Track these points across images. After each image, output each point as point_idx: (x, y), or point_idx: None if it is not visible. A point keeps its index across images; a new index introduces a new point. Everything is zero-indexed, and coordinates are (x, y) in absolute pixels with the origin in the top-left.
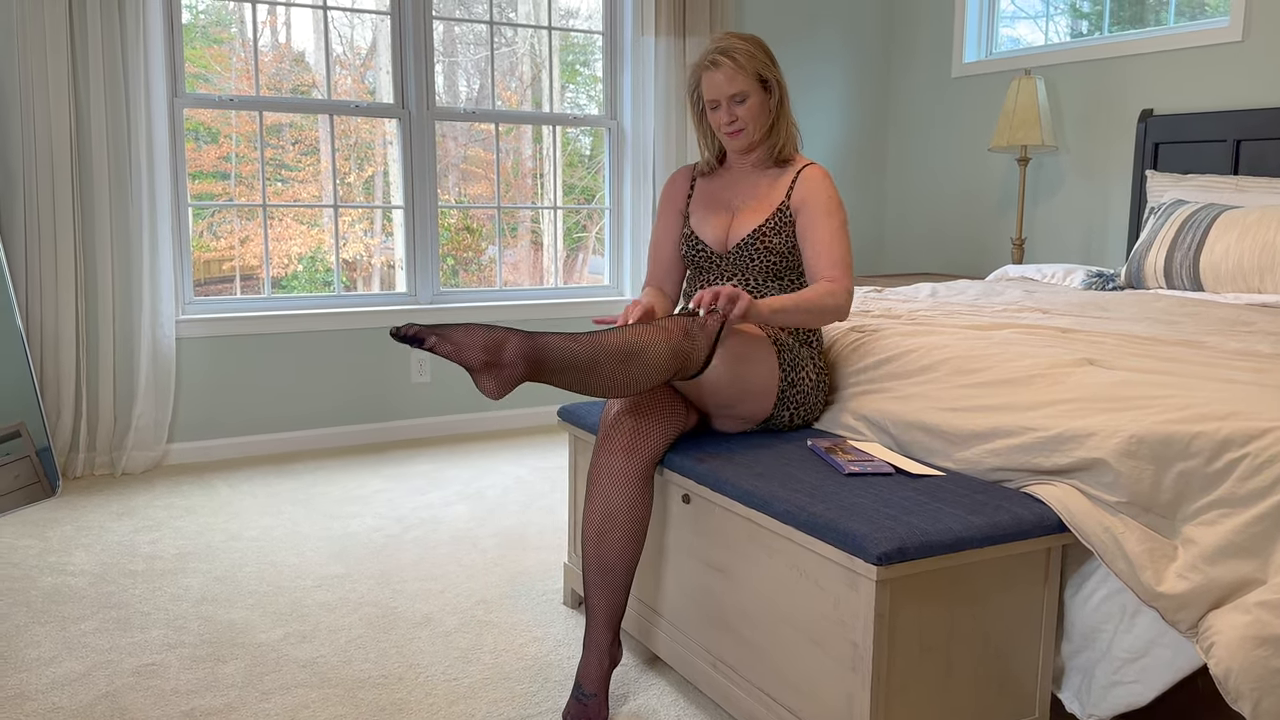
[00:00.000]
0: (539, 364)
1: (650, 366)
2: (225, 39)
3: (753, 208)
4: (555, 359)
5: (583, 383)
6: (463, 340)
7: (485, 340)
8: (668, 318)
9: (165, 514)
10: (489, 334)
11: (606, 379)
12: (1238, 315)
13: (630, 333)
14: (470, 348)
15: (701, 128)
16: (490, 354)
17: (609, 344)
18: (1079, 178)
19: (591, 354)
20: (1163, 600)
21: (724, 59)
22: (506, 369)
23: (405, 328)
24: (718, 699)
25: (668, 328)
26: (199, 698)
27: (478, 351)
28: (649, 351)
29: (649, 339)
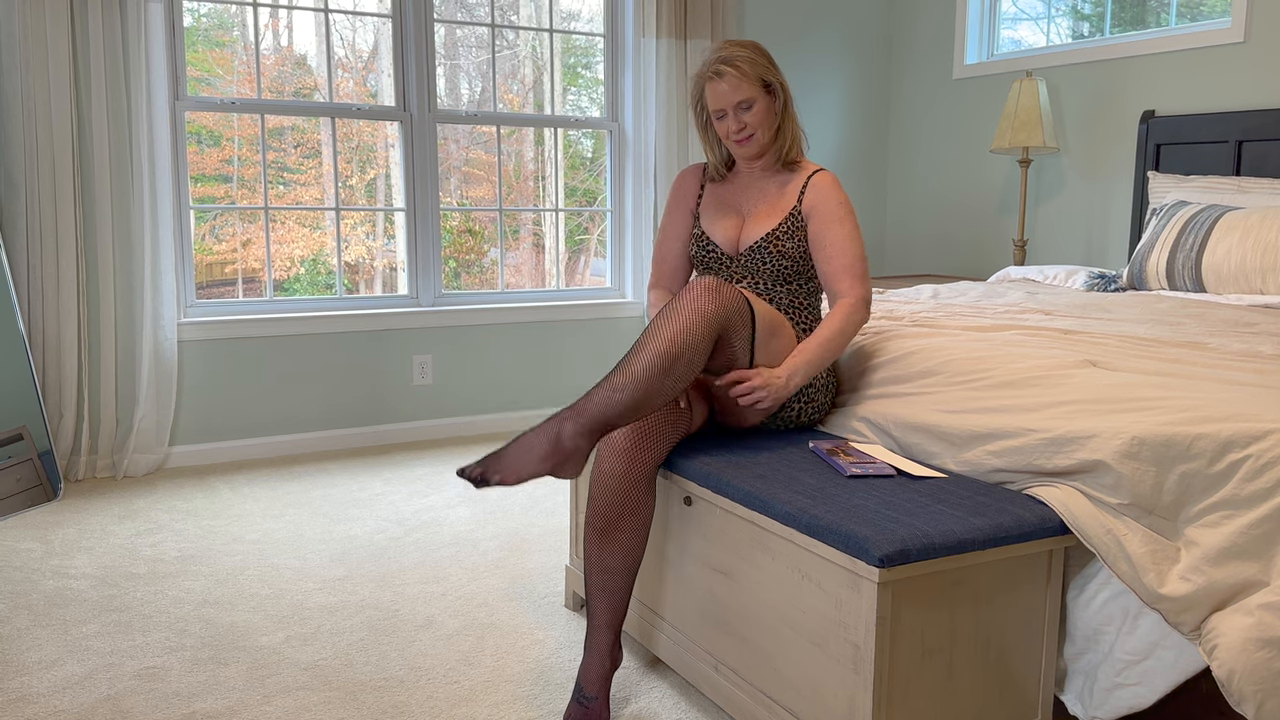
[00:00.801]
0: (598, 430)
1: (695, 357)
2: (227, 42)
3: (764, 212)
4: (610, 417)
5: (644, 411)
6: (523, 458)
7: (542, 446)
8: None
9: (167, 517)
10: (542, 436)
11: (663, 396)
12: (1240, 316)
13: (662, 340)
14: (532, 460)
15: (707, 137)
16: (553, 453)
17: (649, 369)
18: (1081, 179)
19: (636, 389)
20: (1165, 602)
21: (727, 68)
22: (574, 454)
23: (468, 471)
24: (719, 701)
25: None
26: (200, 700)
27: (541, 460)
28: (686, 346)
29: (682, 332)
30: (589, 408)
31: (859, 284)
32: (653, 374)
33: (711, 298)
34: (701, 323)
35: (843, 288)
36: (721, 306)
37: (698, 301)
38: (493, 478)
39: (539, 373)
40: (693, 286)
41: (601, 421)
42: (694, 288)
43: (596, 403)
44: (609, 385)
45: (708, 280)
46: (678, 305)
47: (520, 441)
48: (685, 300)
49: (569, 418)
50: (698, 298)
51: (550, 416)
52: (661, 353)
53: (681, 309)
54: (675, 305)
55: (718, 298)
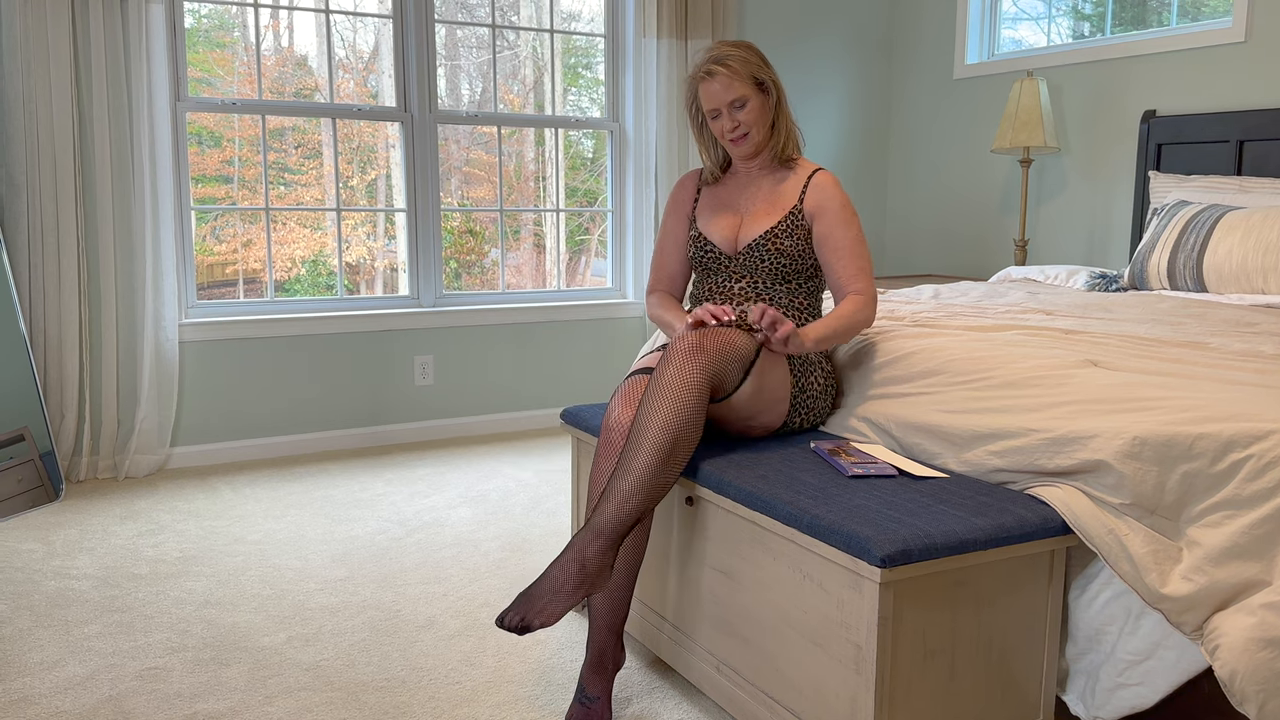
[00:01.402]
0: (618, 539)
1: (692, 433)
2: (228, 43)
3: (763, 210)
4: (626, 524)
5: (658, 501)
6: (557, 595)
7: (572, 578)
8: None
9: (168, 517)
10: (568, 570)
11: (672, 479)
12: (1241, 316)
13: (656, 431)
14: (565, 594)
15: (703, 138)
16: (584, 581)
17: (651, 467)
18: (1082, 179)
19: (645, 491)
20: (1167, 602)
21: (718, 68)
22: (602, 573)
23: (507, 621)
24: (721, 702)
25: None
26: (202, 701)
27: (574, 591)
28: (682, 430)
29: (674, 417)
30: (605, 525)
31: (868, 283)
32: (654, 471)
33: (694, 362)
34: (691, 396)
35: (856, 287)
36: (706, 368)
37: (682, 372)
38: (533, 623)
39: (540, 373)
40: (674, 352)
41: (620, 534)
42: (675, 354)
43: (611, 517)
44: (618, 495)
45: (688, 341)
46: (664, 380)
47: (548, 578)
48: (669, 373)
49: (589, 541)
50: (681, 368)
51: (570, 544)
52: (658, 445)
53: (668, 385)
54: (660, 380)
55: (700, 360)
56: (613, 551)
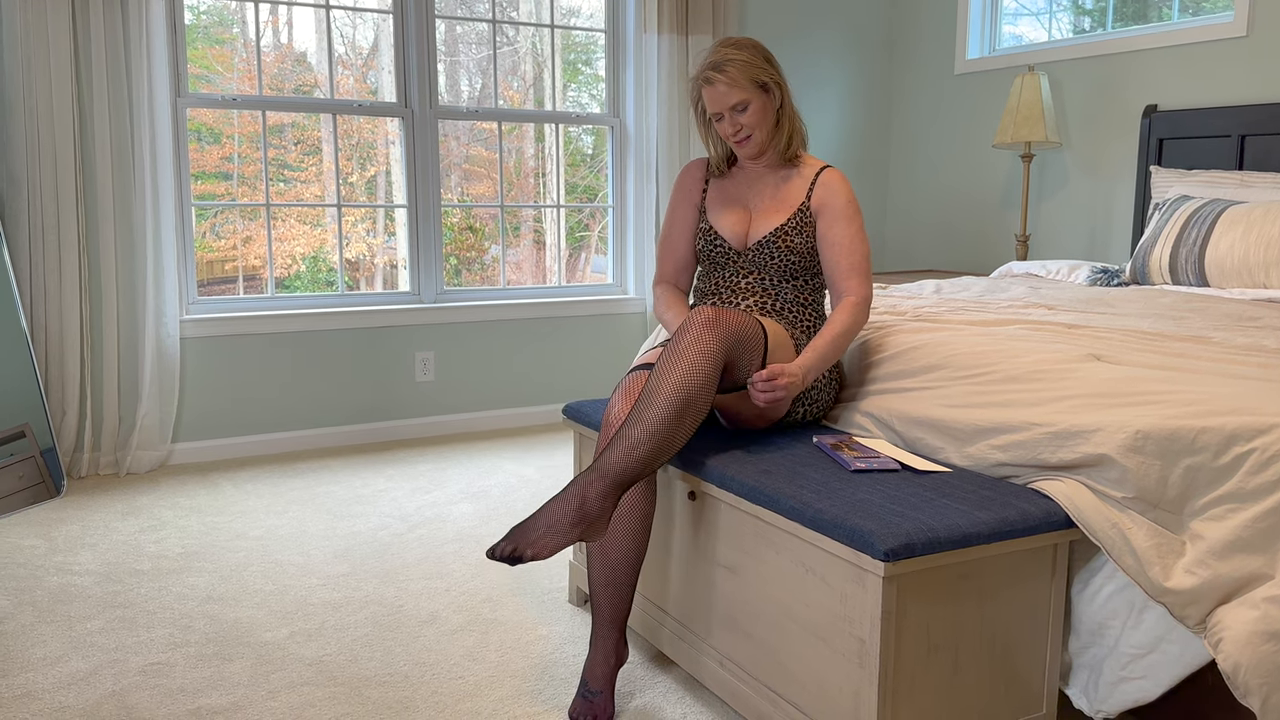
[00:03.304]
0: (622, 487)
1: (704, 398)
2: (227, 39)
3: (772, 207)
4: (631, 474)
5: (664, 458)
6: (552, 530)
7: (569, 514)
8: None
9: (170, 513)
10: (567, 504)
11: (680, 440)
12: (1244, 310)
13: (671, 387)
14: (561, 530)
15: (708, 135)
16: (581, 519)
17: (663, 420)
18: (1083, 174)
19: (653, 442)
20: (1170, 596)
21: (718, 75)
22: (601, 516)
23: (498, 551)
24: (724, 696)
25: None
26: (205, 696)
27: (570, 528)
28: (696, 391)
29: (688, 376)
30: (610, 468)
31: (864, 284)
32: (666, 424)
33: (712, 332)
34: (705, 362)
35: (849, 286)
36: (722, 339)
37: (699, 340)
38: (525, 553)
39: (541, 369)
40: (691, 322)
41: (623, 480)
42: (693, 324)
43: (616, 462)
44: (626, 442)
45: (705, 314)
46: (680, 346)
47: (546, 512)
48: (686, 340)
49: (592, 481)
50: (699, 336)
51: (572, 482)
52: (672, 401)
53: (684, 350)
54: (677, 346)
55: (717, 331)
56: (614, 497)
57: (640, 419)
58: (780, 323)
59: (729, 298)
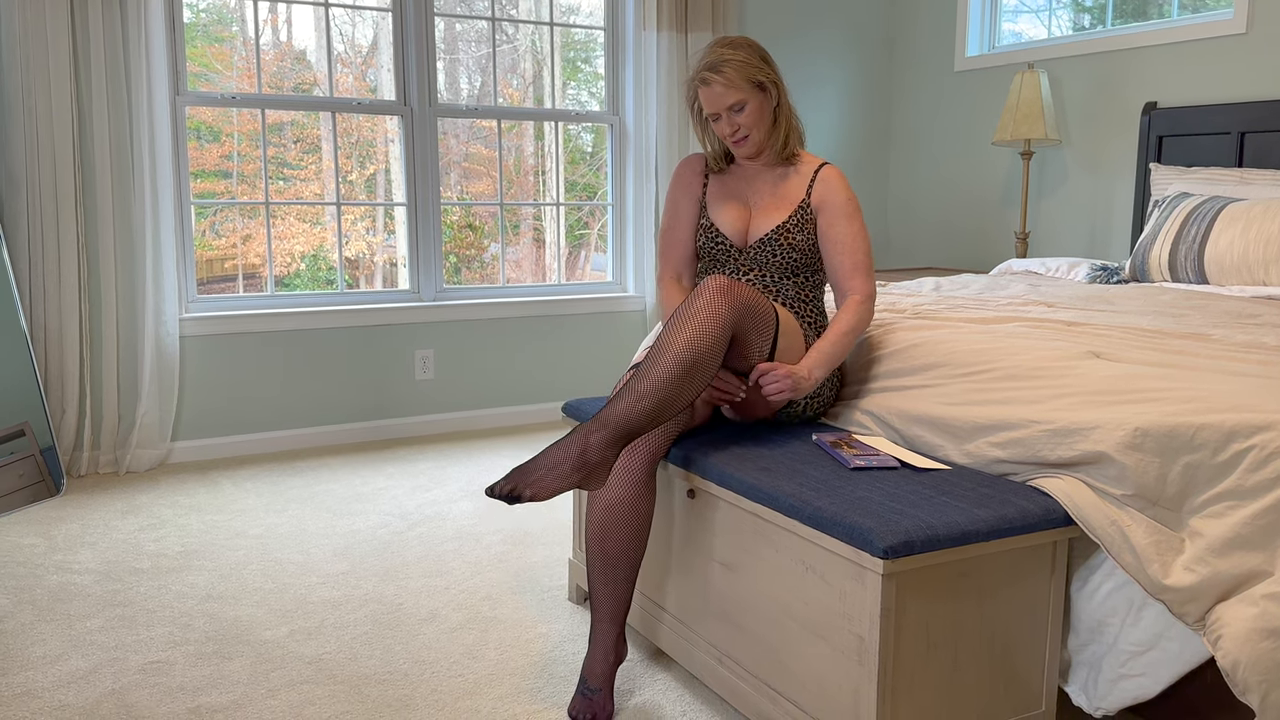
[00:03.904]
0: (624, 439)
1: (712, 360)
2: (227, 37)
3: (772, 205)
4: (635, 425)
5: (667, 416)
6: (552, 472)
7: (570, 459)
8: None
9: (170, 512)
10: (569, 449)
11: (685, 400)
12: (1243, 308)
13: (679, 345)
14: (561, 474)
15: (705, 134)
16: (581, 465)
17: (669, 376)
18: (1083, 171)
19: (658, 396)
20: (1170, 593)
21: (714, 76)
22: (601, 465)
23: (497, 489)
24: (723, 694)
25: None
26: (205, 694)
27: (570, 473)
28: (705, 351)
29: (698, 336)
30: (614, 418)
31: (868, 281)
32: (673, 380)
33: (724, 299)
34: (716, 326)
35: (853, 285)
36: (734, 307)
37: (711, 304)
38: (524, 493)
39: (540, 367)
40: (705, 287)
41: (627, 430)
42: (706, 289)
43: (621, 412)
44: (631, 394)
45: (719, 280)
46: (692, 308)
47: (547, 455)
48: (699, 303)
49: (595, 429)
50: (711, 300)
51: (575, 428)
52: (680, 358)
53: (696, 312)
54: (689, 308)
55: (730, 298)
56: (616, 447)
57: (648, 374)
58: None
59: None
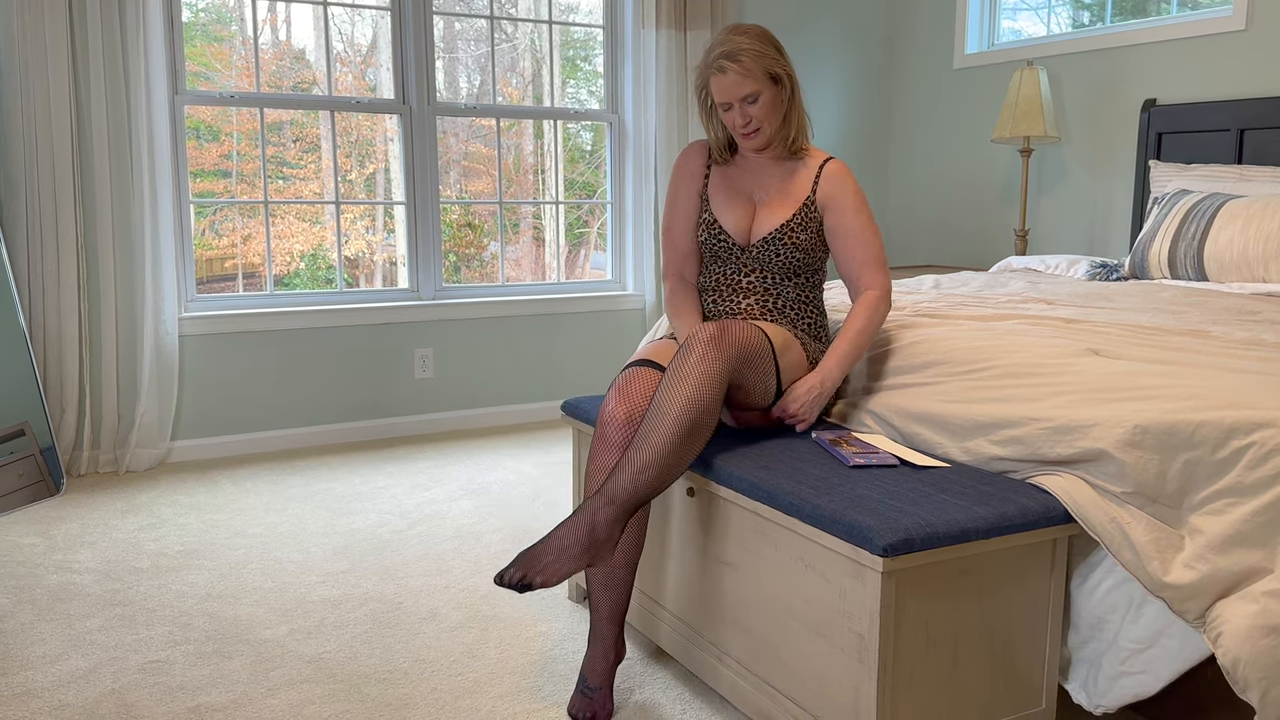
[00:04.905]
0: (630, 512)
1: (710, 418)
2: (226, 36)
3: (776, 201)
4: (639, 497)
5: (672, 480)
6: (561, 557)
7: (579, 542)
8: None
9: (169, 511)
10: (576, 531)
11: (688, 461)
12: (1243, 305)
13: (676, 409)
14: (571, 558)
15: (710, 122)
16: (590, 546)
17: (670, 443)
18: (1082, 169)
19: (661, 466)
20: (1170, 590)
21: (730, 64)
22: (609, 541)
23: (506, 578)
24: (723, 692)
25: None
26: (204, 694)
27: (580, 555)
28: (703, 412)
29: (693, 399)
30: (618, 493)
31: (882, 276)
32: (673, 447)
33: (716, 353)
34: (709, 384)
35: (868, 280)
36: (727, 360)
37: (703, 362)
38: (534, 580)
39: (540, 366)
40: (695, 341)
41: (633, 504)
42: (697, 342)
43: (624, 486)
44: (633, 465)
45: (709, 331)
46: (684, 367)
47: (554, 538)
48: (690, 361)
49: (600, 507)
50: (702, 357)
51: (579, 508)
52: (679, 423)
53: (688, 372)
54: (681, 367)
55: (721, 351)
56: (622, 522)
57: (647, 442)
58: (780, 323)
59: (729, 296)
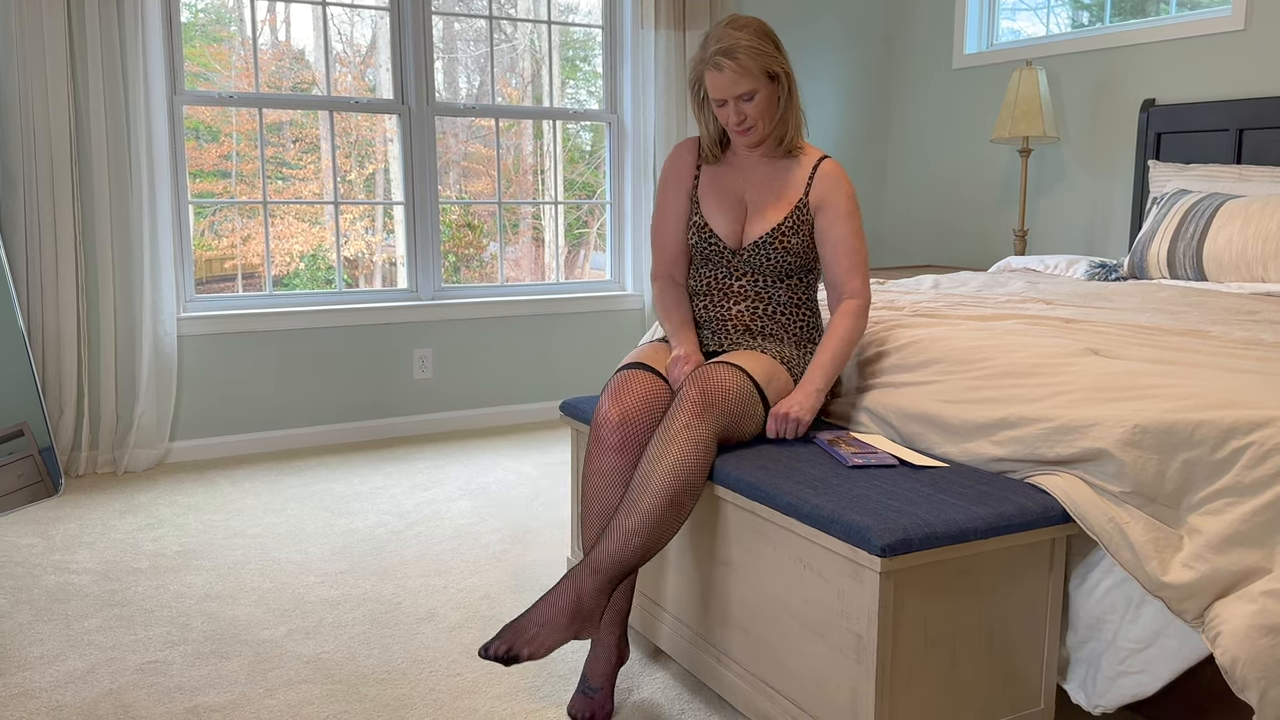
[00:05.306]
0: (617, 580)
1: (698, 483)
2: (225, 37)
3: (768, 202)
4: (627, 565)
5: (659, 547)
6: (547, 628)
7: (565, 612)
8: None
9: (168, 511)
10: (562, 600)
11: (676, 527)
12: (1242, 305)
13: (663, 477)
14: (558, 629)
15: (703, 116)
16: (576, 616)
17: (656, 512)
18: (1081, 169)
19: (648, 535)
20: (1168, 590)
21: (727, 61)
22: (596, 611)
23: (491, 650)
24: (722, 692)
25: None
26: (202, 694)
27: (566, 627)
28: (690, 477)
29: (682, 462)
30: (604, 563)
31: (865, 286)
32: (660, 515)
33: (701, 420)
34: (698, 451)
35: (852, 288)
36: (714, 424)
37: (689, 429)
38: (521, 653)
39: (539, 366)
40: (682, 406)
41: (620, 573)
42: (683, 408)
43: (611, 554)
44: (620, 534)
45: (695, 396)
46: (670, 429)
47: (540, 609)
48: (676, 424)
49: (587, 575)
50: (688, 424)
51: (565, 576)
52: (665, 491)
53: (674, 436)
54: (668, 429)
55: (707, 416)
56: (608, 592)
57: (633, 509)
58: (772, 329)
59: (720, 301)
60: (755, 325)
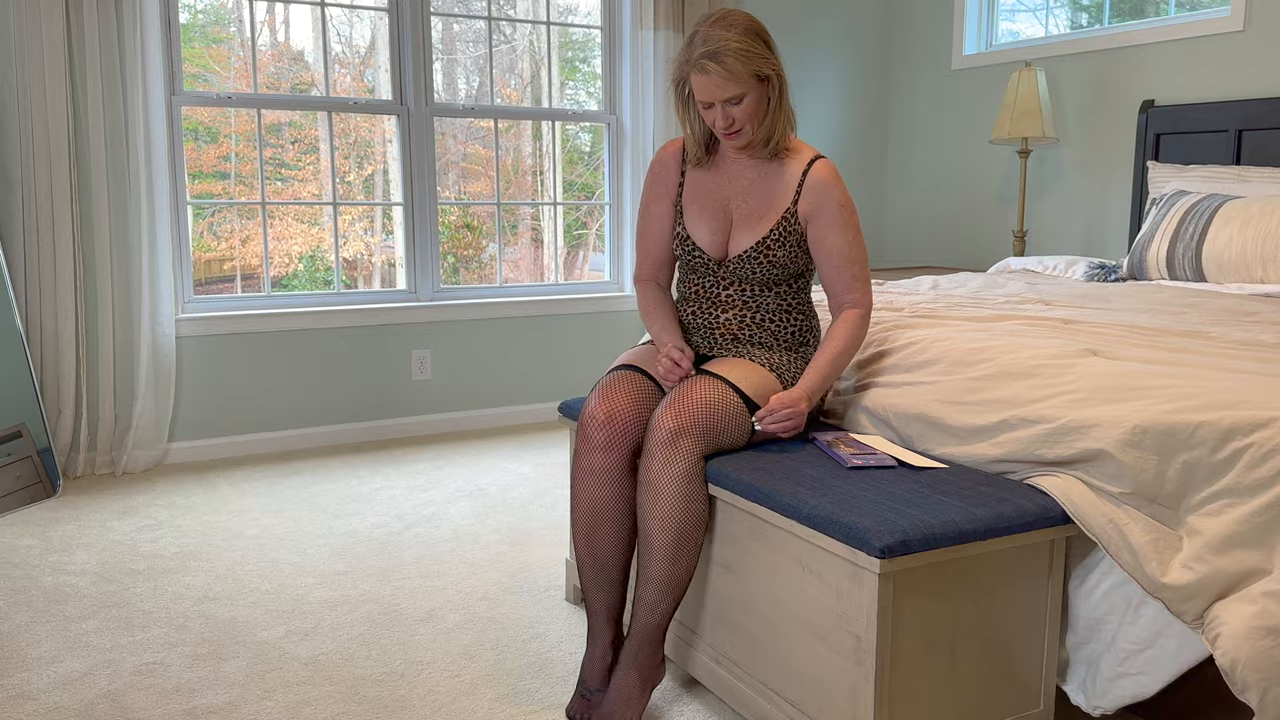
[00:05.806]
0: (663, 638)
1: (697, 516)
2: (224, 38)
3: (755, 211)
4: (664, 626)
5: (684, 590)
6: (625, 702)
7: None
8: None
9: (166, 513)
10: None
11: (690, 567)
12: (1241, 305)
13: (658, 532)
14: (635, 699)
15: (687, 115)
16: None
17: (664, 569)
18: (1080, 170)
19: (670, 591)
20: (1168, 591)
21: (713, 65)
22: (659, 668)
23: None
24: (721, 694)
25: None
26: (200, 696)
27: (641, 695)
28: (683, 521)
29: (670, 510)
30: (646, 633)
31: (865, 293)
32: (670, 567)
33: (674, 452)
34: (681, 487)
35: (853, 297)
36: (691, 449)
37: (668, 467)
38: None
39: (538, 367)
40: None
41: (661, 633)
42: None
43: (647, 624)
44: (647, 605)
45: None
46: (650, 473)
47: (616, 691)
48: (654, 467)
49: (638, 649)
50: (665, 462)
51: (622, 657)
52: (665, 546)
53: (654, 480)
54: (648, 475)
55: (679, 446)
56: (661, 648)
57: (648, 578)
58: (761, 337)
59: (709, 309)
60: (744, 334)
